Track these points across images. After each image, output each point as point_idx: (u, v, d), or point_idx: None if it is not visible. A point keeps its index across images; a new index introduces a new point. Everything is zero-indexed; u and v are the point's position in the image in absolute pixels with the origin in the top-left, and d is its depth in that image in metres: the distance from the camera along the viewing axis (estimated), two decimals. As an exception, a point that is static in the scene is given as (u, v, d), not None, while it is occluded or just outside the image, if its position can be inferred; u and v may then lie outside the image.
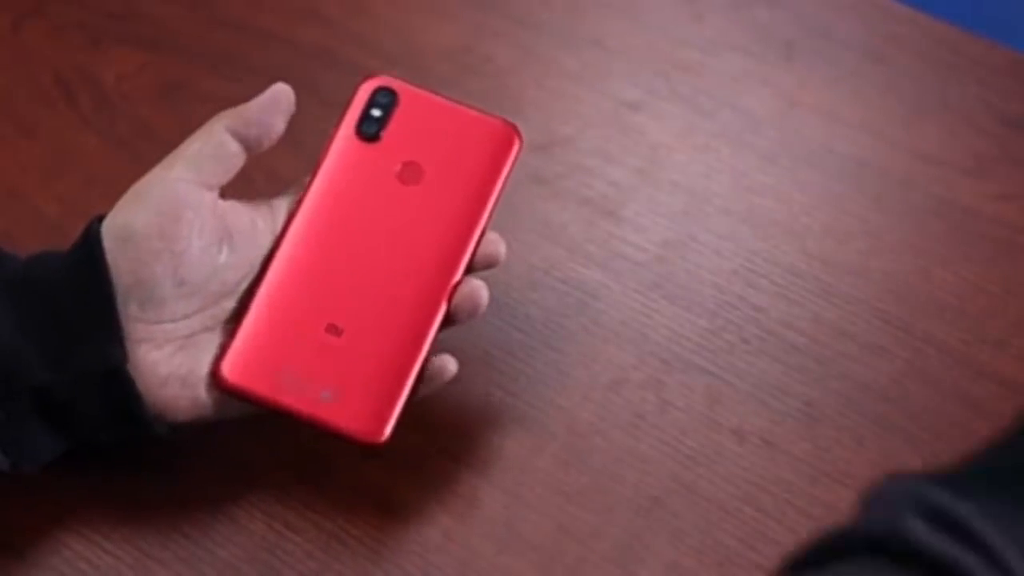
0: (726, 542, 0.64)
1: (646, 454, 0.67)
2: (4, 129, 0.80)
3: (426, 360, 0.63)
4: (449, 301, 0.64)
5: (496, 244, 0.65)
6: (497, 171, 0.66)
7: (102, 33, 0.84)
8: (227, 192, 0.65)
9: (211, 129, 0.64)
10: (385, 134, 0.66)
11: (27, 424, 0.61)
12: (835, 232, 0.75)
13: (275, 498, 0.65)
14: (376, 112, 0.66)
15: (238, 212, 0.64)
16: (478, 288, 0.64)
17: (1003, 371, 0.70)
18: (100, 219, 0.62)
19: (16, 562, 0.63)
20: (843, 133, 0.79)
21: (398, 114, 0.66)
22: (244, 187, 0.75)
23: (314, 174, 0.66)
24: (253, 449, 0.67)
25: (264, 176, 0.75)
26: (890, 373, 0.70)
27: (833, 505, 0.65)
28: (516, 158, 0.66)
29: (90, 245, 0.61)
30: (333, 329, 0.63)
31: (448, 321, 0.64)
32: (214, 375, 0.62)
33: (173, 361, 0.62)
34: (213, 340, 0.63)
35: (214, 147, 0.63)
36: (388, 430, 0.62)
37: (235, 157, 0.64)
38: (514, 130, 0.66)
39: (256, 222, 0.64)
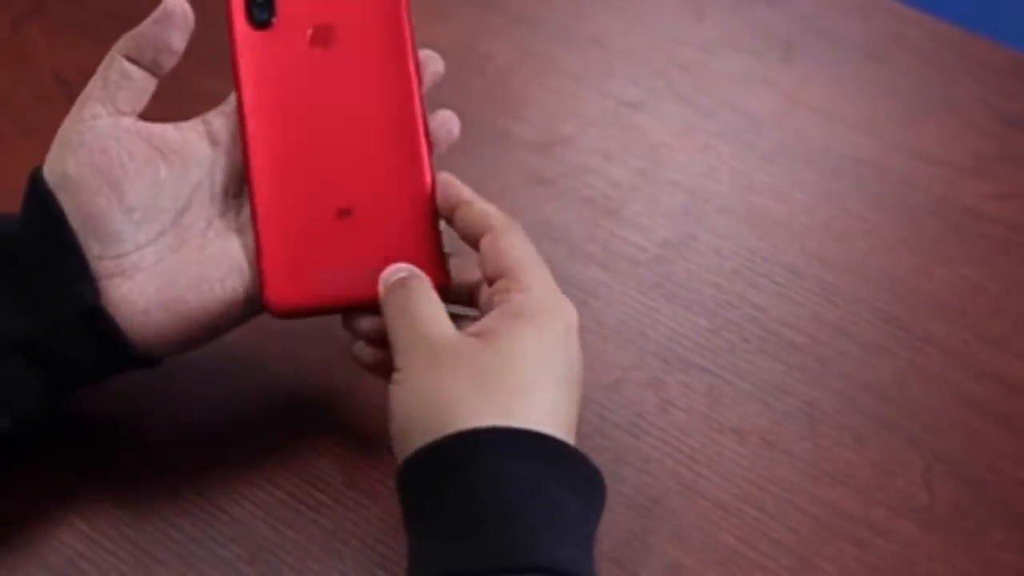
0: (727, 541, 0.64)
1: (646, 454, 0.67)
2: (4, 128, 0.80)
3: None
4: (426, 135, 0.64)
5: (434, 61, 0.66)
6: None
7: (102, 33, 0.84)
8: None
9: (110, 61, 0.64)
10: (278, 13, 0.65)
11: (17, 380, 0.61)
12: (835, 231, 0.75)
13: (276, 498, 0.65)
14: None
15: (164, 131, 0.64)
16: (448, 117, 0.65)
17: (1003, 371, 0.70)
18: (39, 168, 0.63)
19: (17, 560, 0.63)
20: (843, 133, 0.79)
21: None
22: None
23: (236, 83, 0.65)
24: (254, 448, 0.67)
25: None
26: (890, 373, 0.70)
27: (834, 504, 0.65)
28: None
29: (37, 192, 0.62)
30: (342, 212, 0.63)
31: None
32: (265, 307, 0.62)
33: (148, 289, 0.62)
34: (189, 259, 0.63)
35: (118, 77, 0.63)
36: (447, 268, 0.63)
37: (141, 81, 0.64)
38: None
39: (187, 139, 0.64)
